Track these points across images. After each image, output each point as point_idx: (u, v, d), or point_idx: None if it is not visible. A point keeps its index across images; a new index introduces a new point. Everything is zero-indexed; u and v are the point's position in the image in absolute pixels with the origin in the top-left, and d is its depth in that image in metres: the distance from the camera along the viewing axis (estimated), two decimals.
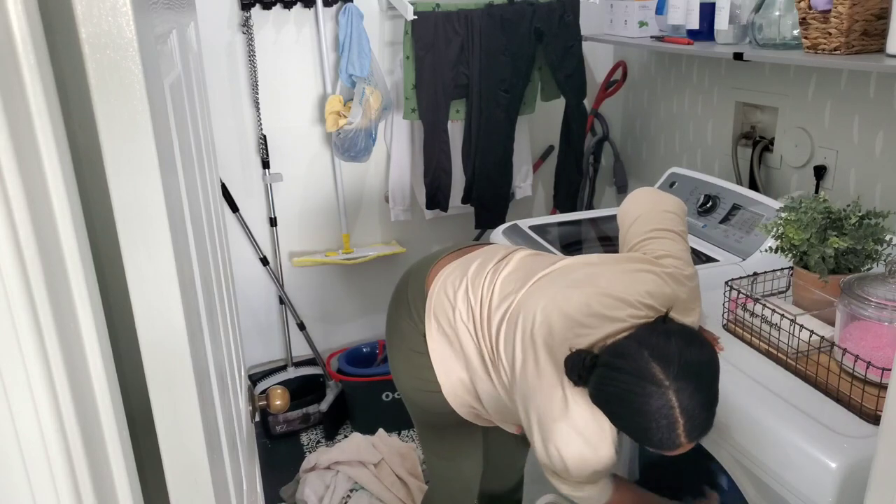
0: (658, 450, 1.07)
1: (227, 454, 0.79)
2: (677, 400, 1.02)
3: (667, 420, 1.03)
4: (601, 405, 1.11)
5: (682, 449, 1.07)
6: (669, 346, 1.06)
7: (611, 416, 1.11)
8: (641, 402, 1.03)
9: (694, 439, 1.06)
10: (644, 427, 1.05)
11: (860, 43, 1.60)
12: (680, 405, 1.02)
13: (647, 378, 1.03)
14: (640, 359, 1.06)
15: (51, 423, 0.45)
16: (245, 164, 2.49)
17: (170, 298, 0.55)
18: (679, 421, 1.03)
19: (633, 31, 2.43)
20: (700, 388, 1.05)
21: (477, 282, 1.37)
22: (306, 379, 2.68)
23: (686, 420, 1.03)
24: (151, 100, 0.51)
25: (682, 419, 1.03)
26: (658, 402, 1.02)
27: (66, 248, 0.46)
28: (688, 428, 1.03)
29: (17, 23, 0.41)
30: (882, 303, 1.13)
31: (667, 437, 1.04)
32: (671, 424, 1.03)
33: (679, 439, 1.04)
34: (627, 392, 1.05)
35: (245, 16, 2.31)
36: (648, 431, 1.04)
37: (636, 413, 1.05)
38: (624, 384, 1.05)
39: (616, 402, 1.08)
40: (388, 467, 2.25)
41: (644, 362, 1.05)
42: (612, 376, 1.07)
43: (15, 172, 0.40)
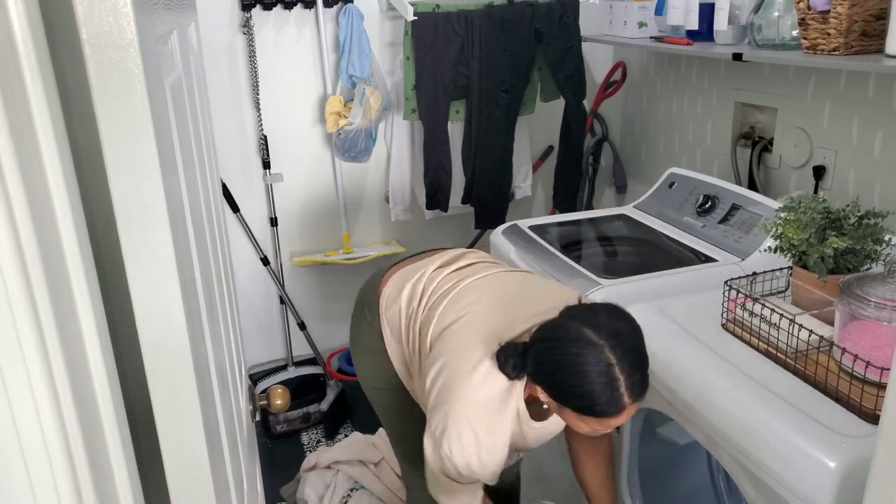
0: (606, 415, 1.10)
1: (227, 453, 0.79)
2: (614, 356, 1.07)
3: (608, 377, 1.07)
4: (543, 381, 1.15)
5: (626, 412, 1.11)
6: (596, 314, 1.13)
7: (555, 390, 1.14)
8: (581, 363, 1.08)
9: (635, 397, 1.09)
10: (588, 390, 1.08)
11: (859, 43, 1.60)
12: (617, 361, 1.07)
13: (582, 340, 1.09)
14: (571, 328, 1.12)
15: (51, 421, 0.45)
16: (246, 165, 2.50)
17: (170, 298, 0.55)
18: (619, 378, 1.07)
19: (632, 32, 2.43)
20: (632, 347, 1.10)
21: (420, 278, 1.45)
22: (307, 378, 2.68)
23: (626, 377, 1.08)
24: (152, 100, 0.51)
25: (621, 376, 1.07)
26: (596, 359, 1.07)
27: (66, 247, 0.46)
28: (629, 385, 1.08)
29: (18, 23, 0.41)
30: (881, 302, 1.13)
31: (611, 397, 1.07)
32: (612, 381, 1.07)
33: (623, 399, 1.08)
34: (565, 356, 1.10)
35: (246, 16, 2.32)
36: (593, 394, 1.08)
37: (578, 376, 1.08)
38: (561, 351, 1.11)
39: (557, 370, 1.12)
40: (389, 466, 2.25)
41: (575, 329, 1.11)
42: (548, 348, 1.14)
43: (16, 172, 0.40)
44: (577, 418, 1.14)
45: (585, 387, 1.08)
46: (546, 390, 1.16)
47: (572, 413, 1.14)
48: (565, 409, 1.15)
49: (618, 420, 1.12)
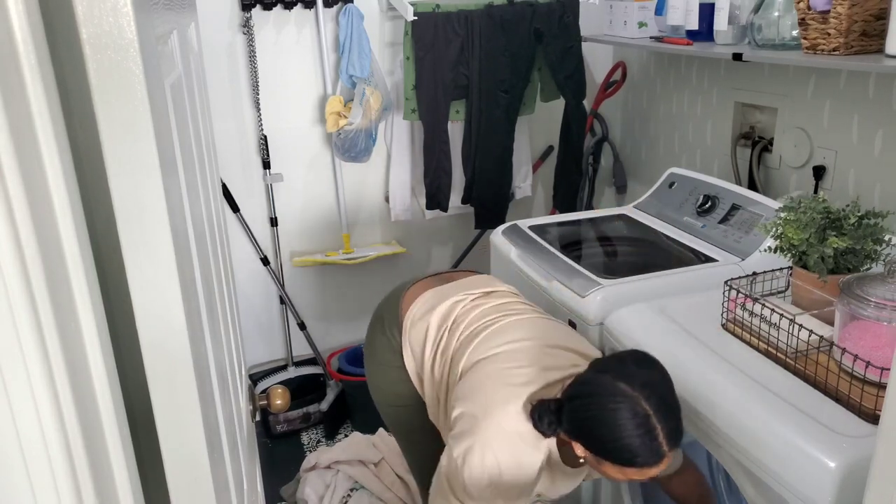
0: (646, 466, 1.11)
1: (227, 453, 0.79)
2: (650, 406, 1.09)
3: (646, 429, 1.08)
4: (583, 437, 1.16)
5: (665, 461, 1.11)
6: (626, 366, 1.15)
7: (595, 445, 1.15)
8: (619, 418, 1.09)
9: (673, 446, 1.11)
10: (628, 444, 1.09)
11: (859, 43, 1.60)
12: (654, 412, 1.09)
13: (616, 394, 1.11)
14: (604, 382, 1.14)
15: (51, 421, 0.45)
16: (246, 165, 2.50)
17: (170, 298, 0.55)
18: (657, 428, 1.09)
19: (632, 32, 2.43)
20: (665, 395, 1.13)
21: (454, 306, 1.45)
22: (307, 378, 2.68)
23: (663, 426, 1.09)
24: (152, 100, 0.51)
25: (658, 425, 1.09)
26: (633, 412, 1.09)
27: (66, 247, 0.46)
28: (666, 433, 1.09)
29: (18, 23, 0.41)
30: (881, 302, 1.13)
31: (651, 447, 1.09)
32: (651, 432, 1.08)
33: (662, 447, 1.09)
34: (602, 411, 1.11)
35: (246, 16, 2.32)
36: (633, 447, 1.09)
37: (618, 430, 1.09)
38: (597, 407, 1.12)
39: (595, 426, 1.13)
40: (389, 466, 2.25)
41: (609, 383, 1.13)
42: (584, 405, 1.14)
43: (16, 172, 0.40)
44: (617, 471, 1.14)
45: (625, 440, 1.09)
46: (584, 445, 1.16)
47: (612, 466, 1.14)
48: (605, 462, 1.15)
49: (657, 469, 1.12)
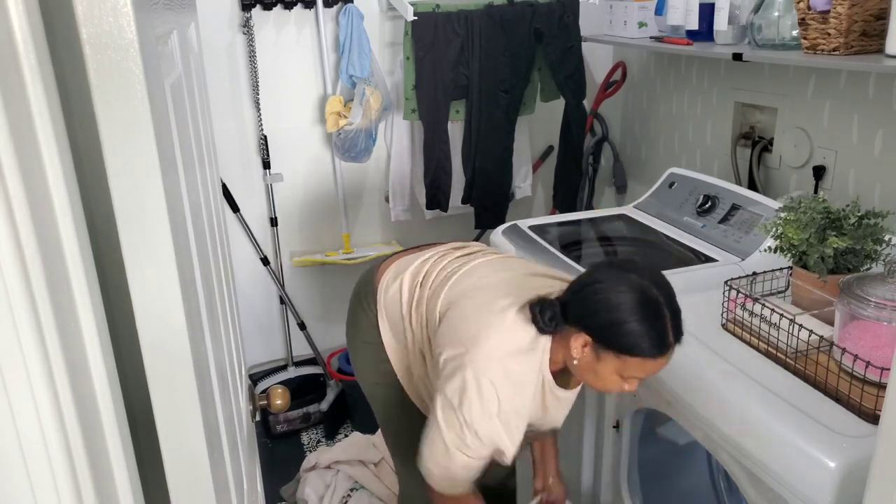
0: (650, 355, 1.11)
1: (227, 453, 0.79)
2: (660, 294, 1.12)
3: (655, 313, 1.10)
4: (588, 323, 1.15)
5: (667, 357, 1.13)
6: (633, 262, 1.18)
7: (601, 331, 1.14)
8: (630, 300, 1.10)
9: (677, 339, 1.13)
10: (636, 328, 1.10)
11: (859, 43, 1.60)
12: (664, 301, 1.11)
13: (626, 282, 1.12)
14: (612, 273, 1.15)
15: (51, 421, 0.45)
16: (246, 165, 2.50)
17: (171, 298, 0.55)
18: (666, 316, 1.11)
19: (632, 32, 2.43)
20: (672, 292, 1.14)
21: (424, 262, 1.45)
22: (307, 378, 2.68)
23: (671, 316, 1.11)
24: (152, 100, 0.51)
25: (667, 314, 1.11)
26: (644, 296, 1.11)
27: (66, 247, 0.46)
28: (673, 325, 1.11)
29: (18, 23, 0.41)
30: (881, 302, 1.13)
31: (658, 334, 1.10)
32: (660, 318, 1.10)
33: (668, 337, 1.11)
34: (612, 294, 1.12)
35: (246, 16, 2.32)
36: (641, 332, 1.10)
37: (627, 313, 1.10)
38: (607, 290, 1.13)
39: (604, 309, 1.13)
40: (389, 467, 2.25)
41: (617, 273, 1.14)
42: (594, 290, 1.15)
43: (16, 172, 0.40)
44: (616, 365, 1.14)
45: (634, 324, 1.10)
46: (589, 333, 1.15)
47: (613, 359, 1.14)
48: (607, 354, 1.14)
49: (658, 363, 1.13)
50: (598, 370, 1.17)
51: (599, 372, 1.17)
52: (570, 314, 1.18)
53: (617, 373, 1.15)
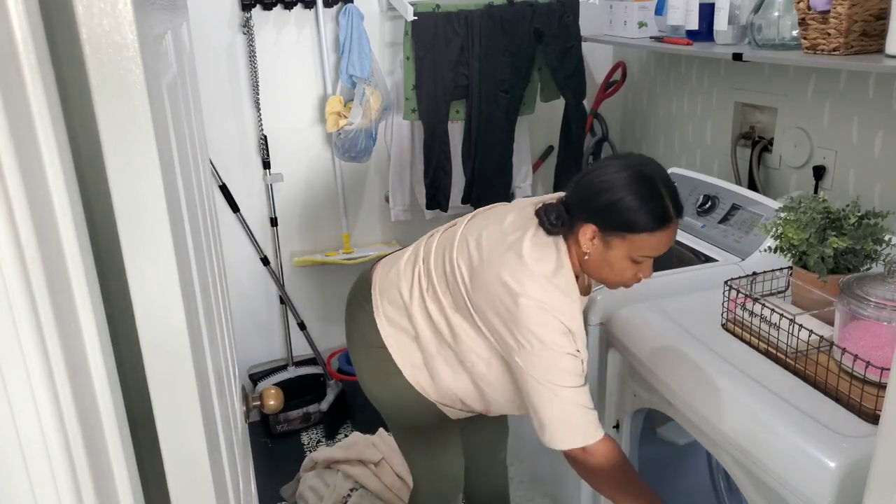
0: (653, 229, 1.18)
1: (225, 454, 0.79)
2: (654, 172, 1.21)
3: (651, 188, 1.19)
4: (589, 209, 1.23)
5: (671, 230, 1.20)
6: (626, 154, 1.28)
7: (601, 215, 1.21)
8: (626, 179, 1.19)
9: (678, 213, 1.21)
10: (634, 204, 1.18)
11: (859, 43, 1.60)
12: (659, 180, 1.20)
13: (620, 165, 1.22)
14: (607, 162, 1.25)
15: (51, 421, 0.45)
16: (246, 165, 2.50)
17: (171, 298, 0.55)
18: (662, 191, 1.19)
19: (632, 32, 2.43)
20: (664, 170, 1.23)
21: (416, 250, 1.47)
22: (307, 378, 2.68)
23: (667, 191, 1.20)
24: (151, 100, 0.51)
25: (664, 190, 1.19)
26: (639, 175, 1.19)
27: (66, 247, 0.46)
28: (671, 199, 1.20)
29: (18, 22, 0.41)
30: (881, 302, 1.13)
31: (658, 205, 1.18)
32: (657, 193, 1.19)
33: (668, 210, 1.19)
34: (611, 176, 1.21)
35: (246, 16, 2.32)
36: (640, 207, 1.17)
37: (624, 190, 1.18)
38: (605, 174, 1.22)
39: (603, 191, 1.21)
40: (389, 466, 2.25)
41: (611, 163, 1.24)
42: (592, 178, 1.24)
43: (16, 172, 0.40)
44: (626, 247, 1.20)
45: (632, 199, 1.18)
46: (593, 221, 1.22)
47: (621, 241, 1.20)
48: (614, 238, 1.21)
49: (663, 237, 1.20)
50: (610, 259, 1.24)
51: (611, 261, 1.24)
52: (573, 208, 1.25)
53: (627, 257, 1.22)
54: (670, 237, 1.21)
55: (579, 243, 1.25)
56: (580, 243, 1.25)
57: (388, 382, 1.47)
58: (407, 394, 1.45)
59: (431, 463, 1.60)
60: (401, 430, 1.59)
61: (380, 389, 1.50)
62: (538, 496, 2.02)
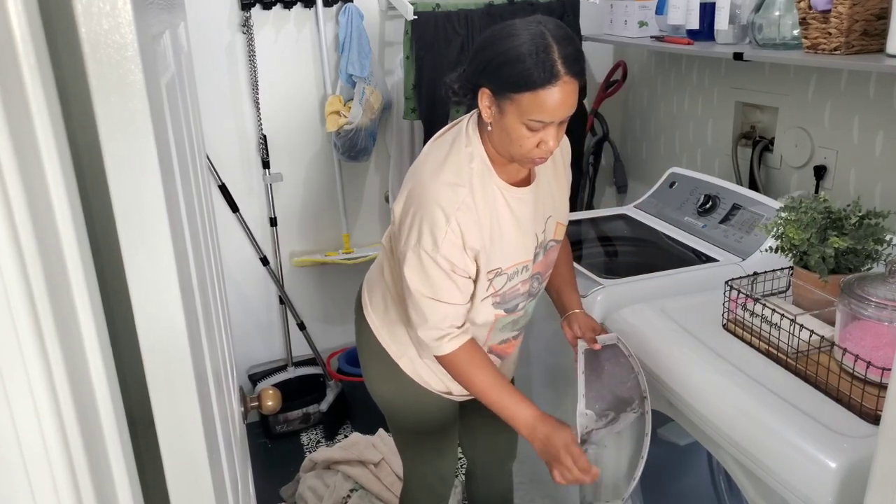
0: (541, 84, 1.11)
1: (224, 454, 0.79)
2: (545, 29, 1.13)
3: (539, 42, 1.11)
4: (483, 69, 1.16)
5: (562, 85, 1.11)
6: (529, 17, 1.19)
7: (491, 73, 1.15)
8: (513, 32, 1.13)
9: (570, 68, 1.12)
10: (521, 53, 1.11)
11: (860, 43, 1.60)
12: (550, 32, 1.12)
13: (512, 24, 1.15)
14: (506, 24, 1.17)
15: (51, 422, 0.45)
16: (245, 164, 2.49)
17: (170, 299, 0.55)
18: (552, 45, 1.11)
19: (632, 31, 2.43)
20: (561, 25, 1.16)
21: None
22: (306, 379, 2.68)
23: (558, 45, 1.11)
24: (151, 99, 0.51)
25: (554, 43, 1.11)
26: (527, 29, 1.13)
27: (66, 248, 0.46)
28: (562, 53, 1.11)
29: (17, 22, 0.41)
30: (882, 302, 1.13)
31: (545, 59, 1.10)
32: (545, 46, 1.10)
33: (557, 66, 1.10)
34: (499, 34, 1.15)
35: (245, 16, 2.32)
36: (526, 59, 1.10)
37: (510, 41, 1.12)
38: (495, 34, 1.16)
39: (489, 46, 1.15)
40: (388, 467, 2.25)
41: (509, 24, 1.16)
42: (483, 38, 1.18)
43: (15, 172, 0.40)
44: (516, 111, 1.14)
45: (518, 50, 1.11)
46: (485, 83, 1.16)
47: (511, 105, 1.14)
48: (504, 101, 1.15)
49: (552, 95, 1.11)
50: (506, 126, 1.17)
51: (507, 128, 1.17)
52: (469, 69, 1.20)
53: (520, 122, 1.15)
54: (562, 97, 1.12)
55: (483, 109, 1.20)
56: (482, 114, 1.20)
57: (391, 381, 1.48)
58: (410, 389, 1.46)
59: (427, 465, 1.61)
60: (402, 432, 1.60)
61: (384, 389, 1.51)
62: (538, 497, 2.02)
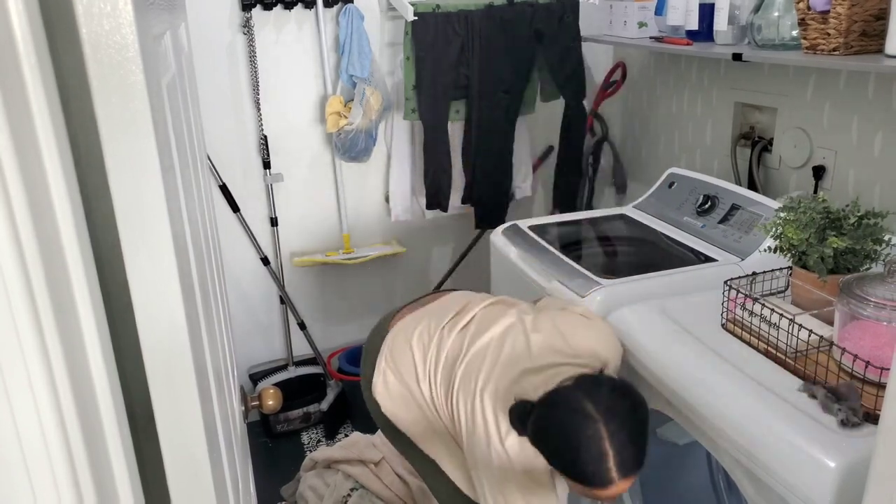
0: (594, 486, 1.11)
1: (224, 453, 0.79)
2: (607, 432, 1.08)
3: (597, 451, 1.08)
4: (538, 444, 1.18)
5: (616, 487, 1.10)
6: (599, 388, 1.15)
7: (548, 455, 1.17)
8: (573, 435, 1.10)
9: (625, 473, 1.09)
10: (577, 459, 1.10)
11: (859, 43, 1.60)
12: (609, 437, 1.08)
13: (579, 412, 1.11)
14: (573, 399, 1.14)
15: (52, 421, 0.45)
16: (246, 165, 2.50)
17: (171, 298, 0.55)
18: (609, 453, 1.08)
19: (632, 32, 2.43)
20: (628, 424, 1.11)
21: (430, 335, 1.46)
22: (307, 378, 2.68)
23: (615, 453, 1.08)
24: (151, 99, 0.51)
25: (611, 451, 1.08)
26: (588, 433, 1.09)
27: (67, 247, 0.46)
28: (618, 461, 1.08)
29: (18, 22, 0.41)
30: (881, 302, 1.13)
31: (599, 469, 1.08)
32: (601, 456, 1.08)
33: (611, 473, 1.08)
34: (561, 426, 1.13)
35: (246, 16, 2.32)
36: (581, 464, 1.09)
37: (569, 446, 1.11)
38: (557, 419, 1.14)
39: (551, 438, 1.15)
40: (389, 466, 2.25)
41: (577, 401, 1.13)
42: (548, 414, 1.16)
43: (16, 172, 0.40)
44: (571, 484, 1.16)
45: (575, 457, 1.10)
46: (541, 451, 1.18)
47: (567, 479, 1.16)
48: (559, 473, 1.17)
49: (608, 492, 1.12)
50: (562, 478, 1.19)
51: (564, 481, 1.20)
52: (528, 430, 1.19)
53: (575, 488, 1.17)
54: (616, 492, 1.11)
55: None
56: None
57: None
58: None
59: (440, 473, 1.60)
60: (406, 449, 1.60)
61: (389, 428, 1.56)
62: None
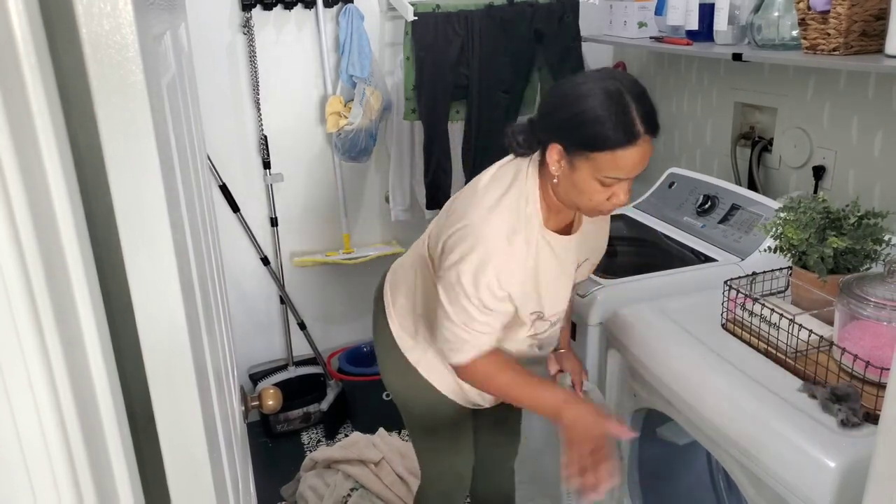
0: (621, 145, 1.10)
1: (224, 453, 0.79)
2: (622, 85, 1.11)
3: (617, 101, 1.10)
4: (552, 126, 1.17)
5: (641, 145, 1.11)
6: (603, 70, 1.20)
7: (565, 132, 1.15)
8: (589, 90, 1.11)
9: (647, 127, 1.11)
10: (599, 115, 1.10)
11: (859, 43, 1.60)
12: (628, 91, 1.11)
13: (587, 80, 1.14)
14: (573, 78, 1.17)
15: (52, 421, 0.45)
16: (246, 165, 2.50)
17: (171, 298, 0.55)
18: (630, 104, 1.10)
19: (632, 32, 2.43)
20: (640, 86, 1.14)
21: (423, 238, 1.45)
22: (307, 378, 2.68)
23: (636, 104, 1.10)
24: (151, 100, 0.51)
25: (633, 103, 1.10)
26: (604, 88, 1.11)
27: (67, 247, 0.46)
28: (640, 112, 1.10)
29: (18, 22, 0.41)
30: (881, 302, 1.13)
31: (624, 120, 1.09)
32: (624, 105, 1.10)
33: (636, 125, 1.10)
34: (573, 89, 1.14)
35: (246, 16, 2.32)
36: (604, 119, 1.09)
37: (588, 101, 1.11)
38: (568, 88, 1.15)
39: (564, 105, 1.15)
40: (389, 466, 2.25)
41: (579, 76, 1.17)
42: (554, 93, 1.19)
43: (16, 172, 0.40)
44: (591, 167, 1.13)
45: (596, 111, 1.10)
46: (557, 140, 1.16)
47: (586, 162, 1.13)
48: (579, 158, 1.14)
49: (630, 155, 1.11)
50: (576, 181, 1.16)
51: (578, 183, 1.16)
52: (540, 125, 1.20)
53: (594, 178, 1.14)
54: (640, 156, 1.12)
55: (549, 164, 1.19)
56: (549, 167, 1.19)
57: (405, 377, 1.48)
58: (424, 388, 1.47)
59: (443, 462, 1.61)
60: (417, 428, 1.60)
61: (399, 384, 1.52)
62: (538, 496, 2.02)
